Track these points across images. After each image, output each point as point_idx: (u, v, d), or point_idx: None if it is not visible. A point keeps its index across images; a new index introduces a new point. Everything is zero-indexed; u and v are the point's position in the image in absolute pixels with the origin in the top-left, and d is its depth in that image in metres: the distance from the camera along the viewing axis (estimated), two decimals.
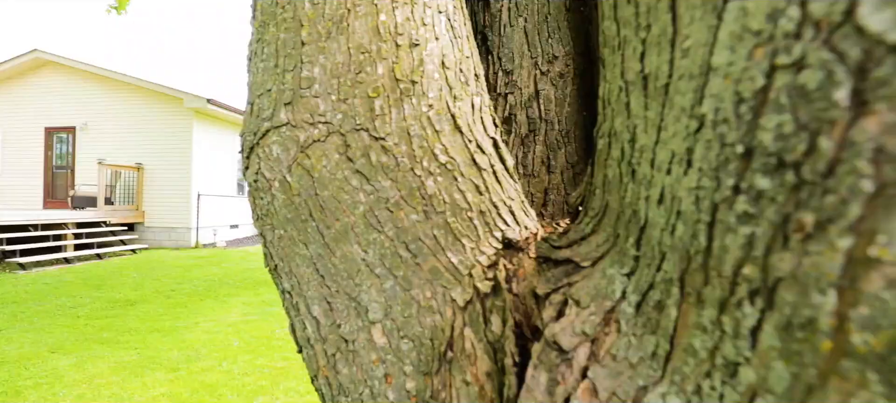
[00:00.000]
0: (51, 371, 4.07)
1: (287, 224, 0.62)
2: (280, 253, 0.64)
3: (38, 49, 11.76)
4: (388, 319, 0.57)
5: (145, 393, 3.59)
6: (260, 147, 0.63)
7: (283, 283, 0.65)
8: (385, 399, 0.56)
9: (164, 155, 11.33)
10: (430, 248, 0.57)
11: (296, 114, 0.60)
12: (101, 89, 11.76)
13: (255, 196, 0.66)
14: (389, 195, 0.58)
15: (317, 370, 0.63)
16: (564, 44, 1.16)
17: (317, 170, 0.59)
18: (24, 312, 5.90)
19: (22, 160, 12.30)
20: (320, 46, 0.62)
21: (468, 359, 0.51)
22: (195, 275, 8.07)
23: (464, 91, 0.66)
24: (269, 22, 0.69)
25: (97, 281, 7.48)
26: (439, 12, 0.69)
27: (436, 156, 0.60)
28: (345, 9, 0.63)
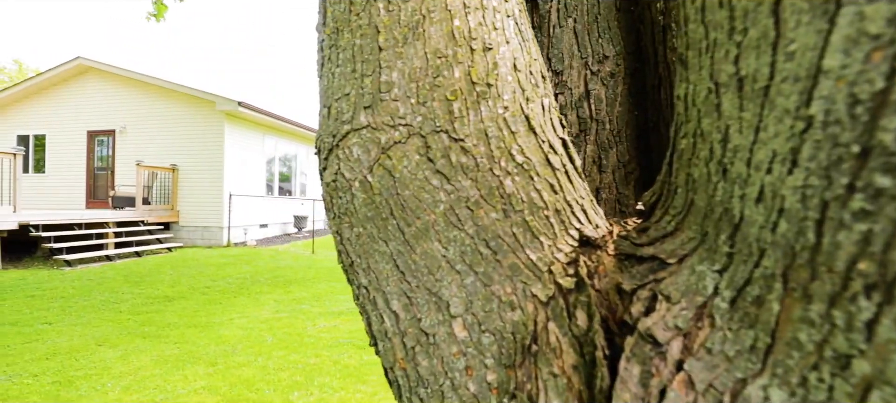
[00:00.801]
0: (99, 362, 4.27)
1: (367, 222, 0.65)
2: (357, 250, 0.67)
3: (81, 56, 12.34)
4: (468, 313, 0.59)
5: (186, 386, 3.74)
6: (339, 148, 0.67)
7: (359, 279, 0.68)
8: (466, 391, 0.58)
9: (197, 156, 11.72)
10: (510, 245, 0.60)
11: (376, 117, 0.63)
12: (138, 94, 12.26)
13: (333, 195, 0.69)
14: (469, 194, 0.60)
15: (393, 362, 0.66)
16: (615, 43, 1.16)
17: (398, 171, 0.62)
18: (71, 307, 6.20)
19: (66, 162, 12.94)
20: (397, 51, 0.65)
21: (553, 352, 0.52)
22: (228, 273, 8.32)
23: (534, 93, 0.68)
24: (342, 28, 0.72)
25: (137, 278, 7.80)
26: (507, 16, 0.71)
27: (513, 157, 0.62)
28: (420, 15, 0.66)
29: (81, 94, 12.83)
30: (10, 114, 13.46)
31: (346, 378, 3.96)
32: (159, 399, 3.48)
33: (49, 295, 6.66)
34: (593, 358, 0.50)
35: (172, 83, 11.76)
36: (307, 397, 3.57)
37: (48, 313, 5.89)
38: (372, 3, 0.68)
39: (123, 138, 12.40)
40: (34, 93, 13.20)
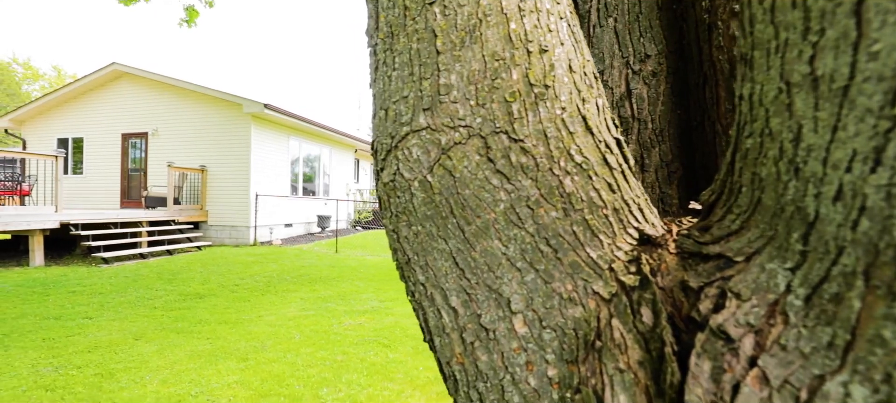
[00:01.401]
0: (136, 356, 4.44)
1: (426, 220, 0.67)
2: (415, 248, 0.69)
3: (116, 62, 12.83)
4: (529, 310, 0.61)
5: (220, 380, 3.85)
6: (398, 149, 0.69)
7: (416, 276, 0.70)
8: (527, 385, 0.60)
9: (225, 157, 12.04)
10: (570, 244, 0.61)
11: (436, 119, 0.66)
12: (170, 97, 12.66)
13: (391, 194, 0.71)
14: (530, 193, 0.62)
15: (451, 356, 0.68)
16: (657, 42, 1.16)
17: (458, 171, 0.64)
18: (109, 302, 6.46)
19: (102, 164, 13.47)
20: (455, 55, 0.67)
21: (618, 348, 0.53)
22: (255, 271, 8.52)
23: (589, 93, 0.69)
24: (398, 33, 0.74)
25: (169, 275, 8.06)
26: (560, 18, 0.72)
27: (572, 157, 0.63)
28: (476, 19, 0.67)
29: (116, 98, 13.34)
30: (51, 118, 14.09)
31: (373, 376, 4.01)
32: (194, 392, 3.60)
33: (88, 291, 6.95)
34: (661, 354, 0.51)
35: (201, 86, 12.11)
36: (336, 393, 3.64)
37: (88, 308, 6.15)
38: (428, 8, 0.70)
39: (155, 140, 12.83)
40: (73, 97, 13.78)
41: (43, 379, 3.85)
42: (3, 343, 4.74)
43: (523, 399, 0.60)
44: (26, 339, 4.86)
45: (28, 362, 4.24)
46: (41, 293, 6.82)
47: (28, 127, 14.39)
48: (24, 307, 6.09)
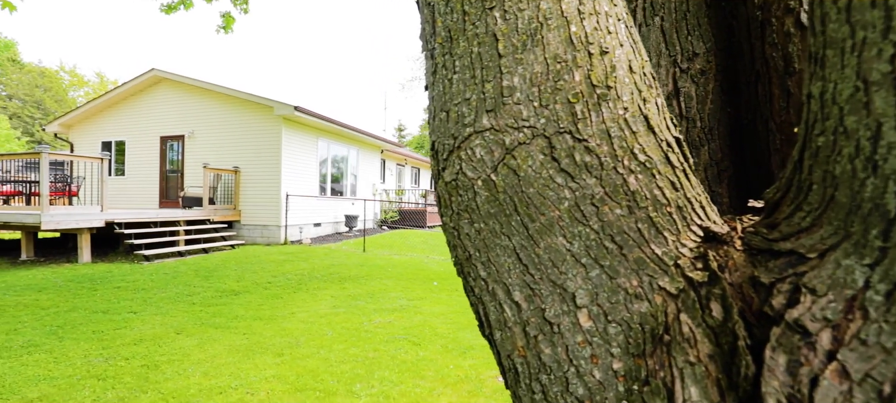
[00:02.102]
0: (179, 349, 4.64)
1: (489, 218, 0.70)
2: (477, 245, 0.72)
3: (155, 68, 13.39)
4: (594, 305, 0.62)
5: (257, 374, 3.98)
6: (462, 150, 0.72)
7: (477, 271, 0.73)
8: (591, 378, 0.62)
9: (257, 158, 12.40)
10: (635, 240, 0.62)
11: (499, 120, 0.68)
12: (205, 100, 13.13)
13: (453, 193, 0.74)
14: (594, 192, 0.64)
15: (512, 349, 0.70)
16: (705, 40, 1.15)
17: (523, 170, 0.66)
18: (151, 298, 6.75)
19: (142, 166, 14.09)
20: (517, 58, 0.69)
21: (688, 342, 0.55)
22: (287, 270, 8.74)
23: (649, 93, 0.70)
24: (457, 37, 0.77)
25: (206, 273, 8.36)
26: (618, 20, 0.74)
27: (635, 155, 0.65)
28: (537, 22, 0.70)
29: (155, 103, 13.92)
30: (96, 122, 14.83)
31: (404, 373, 4.07)
32: (234, 384, 3.74)
33: (132, 287, 7.29)
34: (732, 348, 0.52)
35: (235, 90, 12.50)
36: (369, 389, 3.71)
37: (132, 303, 6.45)
38: (488, 13, 0.73)
39: (192, 142, 13.33)
40: (115, 103, 14.47)
41: (95, 369, 4.07)
42: (58, 334, 5.03)
43: (588, 391, 0.62)
44: (78, 331, 5.14)
45: (80, 352, 4.49)
46: (89, 288, 7.19)
47: (75, 131, 15.19)
48: (74, 301, 6.43)
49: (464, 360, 4.46)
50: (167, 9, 6.18)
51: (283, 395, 3.55)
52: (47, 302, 6.34)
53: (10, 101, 39.11)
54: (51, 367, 4.12)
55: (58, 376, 3.92)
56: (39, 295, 6.69)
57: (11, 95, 39.46)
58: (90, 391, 3.62)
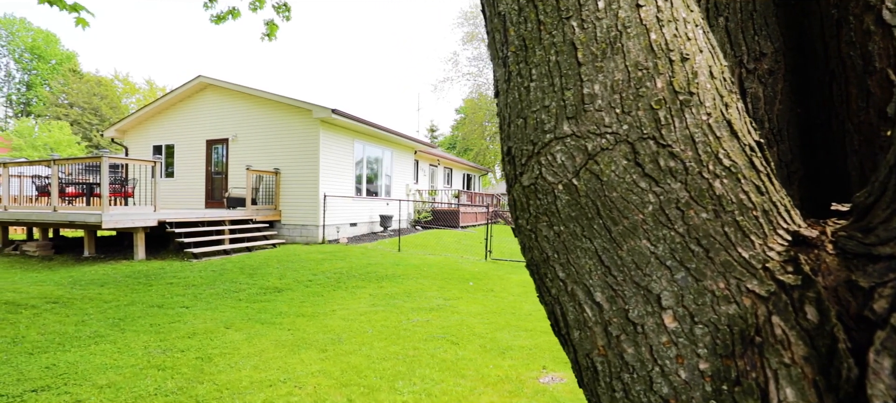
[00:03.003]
0: (229, 343, 4.86)
1: (569, 221, 0.72)
2: (556, 247, 0.74)
3: (202, 75, 14.05)
4: (679, 306, 0.64)
5: (304, 369, 4.13)
6: (541, 155, 0.75)
7: (556, 272, 0.75)
8: (677, 377, 0.63)
9: (296, 160, 12.80)
10: (722, 244, 0.63)
11: (581, 126, 0.71)
12: (247, 105, 13.68)
13: (531, 197, 0.77)
14: (679, 196, 0.65)
15: (591, 348, 0.72)
16: (774, 39, 1.13)
17: (605, 175, 0.68)
18: (201, 294, 7.10)
19: (190, 168, 14.81)
20: (597, 66, 0.71)
21: (781, 345, 0.56)
22: (326, 268, 8.99)
23: (731, 98, 0.71)
24: (533, 46, 0.80)
25: (250, 271, 8.71)
26: (696, 26, 0.75)
27: (720, 160, 0.66)
28: (616, 31, 0.72)
29: (201, 108, 14.61)
30: (147, 127, 15.71)
31: (445, 372, 4.12)
32: (283, 378, 3.89)
33: (183, 283, 7.69)
34: (830, 350, 0.52)
35: (275, 94, 12.95)
36: (411, 386, 3.78)
37: (184, 298, 6.81)
38: (565, 22, 0.75)
39: (235, 145, 13.91)
40: (165, 108, 15.28)
41: (154, 359, 4.33)
42: (120, 326, 5.37)
43: (673, 390, 0.63)
44: (137, 324, 5.48)
45: (141, 344, 4.79)
46: (145, 283, 7.64)
47: (129, 136, 16.14)
48: (132, 295, 6.85)
49: (503, 360, 4.47)
50: (217, 19, 6.49)
51: (329, 390, 3.67)
52: (109, 295, 6.79)
53: (72, 109, 41.97)
54: (115, 356, 4.42)
55: (122, 365, 4.20)
56: (102, 289, 7.17)
57: (72, 103, 42.34)
58: (152, 380, 3.86)
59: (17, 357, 4.32)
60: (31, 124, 34.90)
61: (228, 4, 6.66)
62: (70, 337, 4.96)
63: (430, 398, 3.59)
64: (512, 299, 7.31)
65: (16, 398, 3.49)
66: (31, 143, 31.87)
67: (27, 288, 7.09)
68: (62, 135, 33.14)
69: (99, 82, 44.61)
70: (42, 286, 7.27)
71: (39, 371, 4.01)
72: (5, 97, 51.52)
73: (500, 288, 8.06)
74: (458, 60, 50.45)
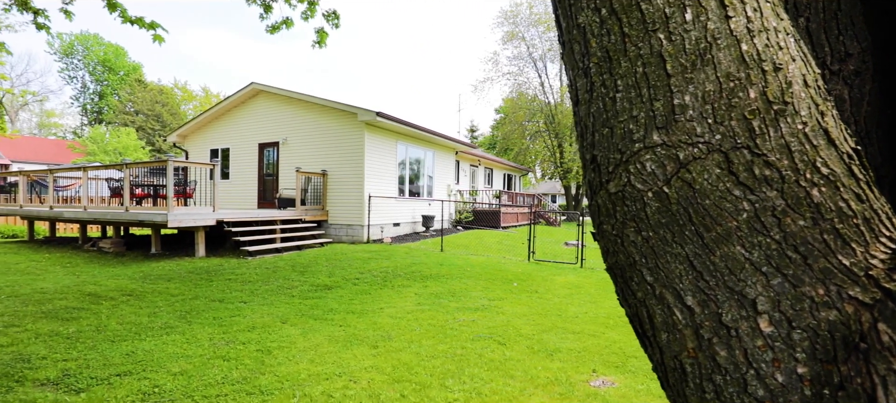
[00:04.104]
0: (285, 337, 5.12)
1: (659, 227, 0.75)
2: (644, 252, 0.77)
3: (254, 82, 14.78)
4: (776, 311, 0.66)
5: (357, 364, 4.29)
6: (630, 163, 0.78)
7: (643, 277, 0.78)
8: (773, 381, 0.65)
9: (342, 162, 13.21)
10: (820, 251, 0.65)
11: (671, 136, 0.73)
12: (296, 109, 14.26)
13: (618, 203, 0.80)
14: (775, 204, 0.67)
15: (680, 351, 0.75)
16: (860, 39, 1.10)
17: (698, 183, 0.71)
18: (257, 290, 7.49)
19: (243, 170, 15.62)
20: (687, 77, 0.74)
21: (889, 351, 0.57)
22: (372, 267, 9.23)
23: (826, 106, 0.71)
24: (617, 57, 0.83)
25: (301, 268, 9.09)
26: (787, 34, 0.75)
27: (817, 169, 0.67)
28: (706, 42, 0.74)
29: (254, 113, 15.37)
30: (205, 132, 16.70)
31: (493, 371, 4.16)
32: (338, 372, 4.06)
33: (240, 279, 8.13)
34: None
35: (322, 99, 13.43)
36: (460, 384, 3.84)
37: (242, 294, 7.20)
38: (652, 34, 0.78)
39: (285, 148, 14.53)
40: (221, 114, 16.18)
41: (219, 350, 4.63)
42: (187, 318, 5.77)
43: (769, 393, 0.65)
44: (202, 317, 5.87)
45: (206, 335, 5.13)
46: (206, 279, 8.14)
47: (188, 140, 17.21)
48: (196, 290, 7.33)
49: (551, 362, 4.45)
50: (272, 29, 6.84)
51: (382, 385, 3.80)
52: (175, 290, 7.30)
53: (137, 116, 45.25)
54: (185, 346, 4.76)
55: (191, 355, 4.51)
56: (169, 283, 7.71)
57: (138, 110, 45.65)
58: (218, 369, 4.13)
59: (102, 345, 4.75)
60: (102, 131, 37.93)
61: (282, 15, 6.99)
62: (144, 328, 5.38)
63: (481, 397, 3.63)
64: (557, 301, 7.23)
65: (103, 380, 3.85)
66: (103, 148, 34.64)
67: (105, 281, 7.74)
68: (129, 141, 35.79)
69: (161, 91, 47.83)
70: (118, 279, 7.91)
71: (121, 357, 4.39)
72: (81, 106, 56.32)
73: (545, 290, 7.99)
74: (498, 60, 50.20)
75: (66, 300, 6.47)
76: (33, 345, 4.66)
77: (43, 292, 6.90)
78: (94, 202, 12.19)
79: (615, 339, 5.27)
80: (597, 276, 9.51)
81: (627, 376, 4.19)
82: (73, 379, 3.85)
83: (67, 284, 7.51)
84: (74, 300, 6.49)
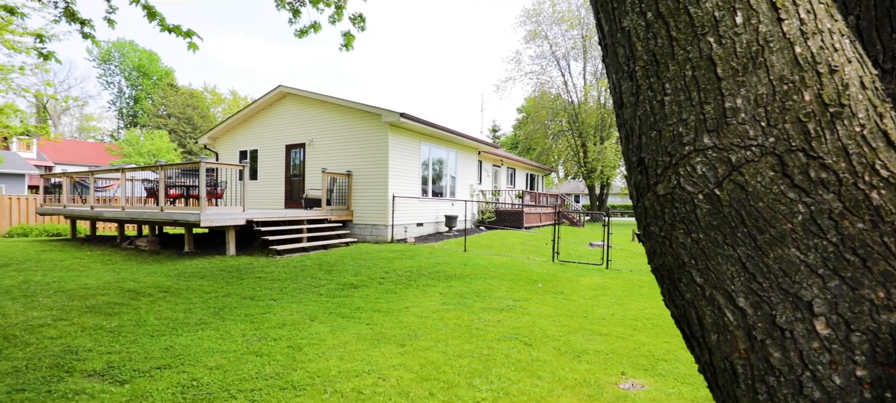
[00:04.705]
0: (314, 335, 5.23)
1: (710, 229, 0.76)
2: (694, 253, 0.78)
3: (282, 85, 15.13)
4: (833, 313, 0.66)
5: (385, 362, 4.35)
6: (679, 166, 0.79)
7: (692, 278, 0.79)
8: (830, 383, 0.65)
9: (366, 162, 13.39)
10: (881, 253, 0.64)
11: (723, 139, 0.74)
12: (322, 111, 14.52)
13: (667, 205, 0.81)
14: (832, 206, 0.67)
15: (731, 352, 0.75)
16: None
17: (751, 186, 0.71)
18: (285, 288, 7.67)
19: (271, 171, 16.00)
20: (739, 80, 0.74)
21: None
22: (397, 266, 9.32)
23: (884, 108, 0.71)
24: (665, 61, 0.84)
25: (328, 267, 9.25)
26: (842, 36, 0.75)
27: (877, 171, 0.66)
28: (757, 45, 0.74)
29: (281, 115, 15.73)
30: (234, 134, 17.18)
31: (520, 372, 4.15)
32: (367, 370, 4.13)
33: (270, 278, 8.34)
34: None
35: (347, 101, 13.64)
36: (488, 384, 3.86)
37: (271, 291, 7.39)
38: (701, 38, 0.79)
39: (311, 149, 14.82)
40: (250, 116, 16.62)
41: (252, 346, 4.77)
42: (220, 315, 5.97)
43: (826, 395, 0.65)
44: (234, 313, 6.05)
45: (239, 331, 5.29)
46: (237, 277, 8.38)
47: (219, 142, 17.74)
48: (227, 287, 7.56)
49: (579, 364, 4.42)
50: (300, 33, 6.99)
51: (411, 383, 3.85)
52: (208, 287, 7.54)
53: (169, 119, 46.90)
54: (219, 342, 4.92)
55: (225, 350, 4.67)
56: (202, 281, 7.98)
57: (170, 114, 47.31)
58: (252, 364, 4.26)
59: (142, 339, 4.96)
60: (137, 134, 39.47)
61: (310, 19, 7.15)
62: (180, 323, 5.59)
63: (509, 397, 3.64)
64: (583, 302, 7.15)
65: (145, 373, 4.02)
66: (138, 150, 36.05)
67: (143, 278, 8.06)
68: (162, 143, 37.12)
69: (191, 94, 49.43)
70: (154, 277, 8.23)
71: (160, 351, 4.58)
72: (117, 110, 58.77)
73: (570, 291, 7.92)
74: (520, 59, 49.86)
75: (108, 295, 6.77)
76: (80, 338, 4.90)
77: (87, 288, 7.25)
78: (131, 202, 12.71)
79: (644, 342, 5.19)
80: (623, 278, 9.36)
81: (658, 379, 4.12)
82: (117, 371, 4.04)
83: (108, 280, 7.86)
84: (115, 295, 6.79)
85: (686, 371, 4.34)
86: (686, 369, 4.38)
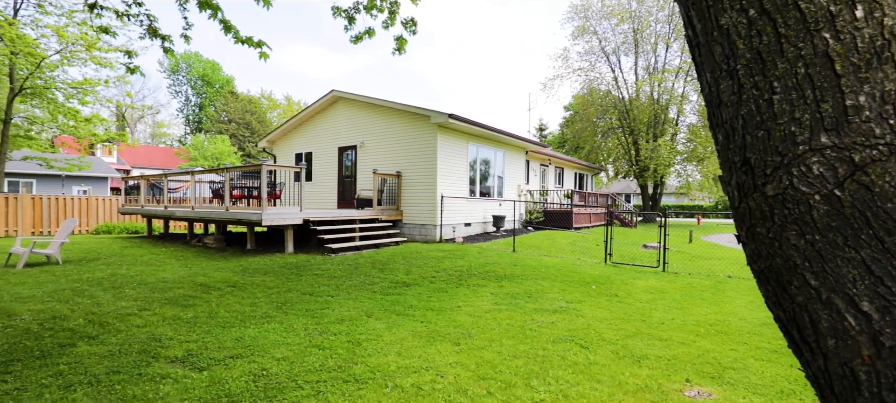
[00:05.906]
0: (372, 330, 5.40)
1: (827, 231, 0.74)
2: (808, 255, 0.76)
3: (335, 89, 15.70)
4: None
5: (441, 360, 4.42)
6: (792, 166, 0.77)
7: (805, 280, 0.77)
8: None
9: (415, 163, 13.61)
10: None
11: (844, 138, 0.72)
12: (373, 114, 14.92)
13: (776, 206, 0.80)
14: None
15: (852, 358, 0.73)
16: None
17: (877, 186, 0.69)
18: (341, 285, 7.96)
19: (325, 172, 16.64)
20: (861, 77, 0.71)
21: None
22: (447, 266, 9.42)
23: None
24: (772, 59, 0.82)
25: (380, 266, 9.50)
26: None
27: None
28: (882, 40, 0.71)
29: (334, 119, 16.32)
30: (291, 137, 18.00)
31: (578, 375, 4.09)
32: (425, 366, 4.22)
33: (326, 275, 8.69)
34: None
35: (397, 103, 13.93)
36: (545, 386, 3.83)
37: (328, 288, 7.69)
38: (815, 34, 0.76)
39: (362, 151, 15.26)
40: (305, 120, 17.37)
41: (314, 340, 5.00)
42: (283, 309, 6.29)
43: None
44: (296, 308, 6.36)
45: (301, 325, 5.55)
46: (296, 274, 8.79)
47: (276, 146, 18.66)
48: (288, 283, 7.95)
49: (639, 369, 4.29)
50: (355, 39, 7.24)
51: (468, 381, 3.89)
52: (271, 283, 7.97)
53: (230, 124, 49.91)
54: (284, 335, 5.19)
55: (290, 342, 4.92)
56: (265, 277, 8.44)
57: (231, 119, 50.32)
58: (315, 357, 4.47)
59: (215, 329, 5.33)
60: (202, 138, 42.28)
61: (364, 25, 7.38)
62: (248, 316, 5.95)
63: (568, 399, 3.60)
64: (640, 306, 6.91)
65: (220, 361, 4.32)
66: (203, 154, 38.62)
67: (212, 273, 8.64)
68: (224, 147, 39.56)
69: (250, 100, 52.32)
70: (222, 272, 8.80)
71: (232, 342, 4.90)
72: (184, 117, 63.32)
73: (625, 294, 7.67)
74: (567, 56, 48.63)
75: (183, 289, 7.32)
76: (162, 327, 5.35)
77: (164, 281, 7.87)
78: (199, 202, 13.65)
79: (708, 348, 4.94)
80: (682, 282, 8.95)
81: (725, 388, 3.92)
82: (196, 359, 4.37)
83: (182, 275, 8.50)
84: (189, 289, 7.33)
85: (757, 380, 4.10)
86: (756, 379, 4.13)
